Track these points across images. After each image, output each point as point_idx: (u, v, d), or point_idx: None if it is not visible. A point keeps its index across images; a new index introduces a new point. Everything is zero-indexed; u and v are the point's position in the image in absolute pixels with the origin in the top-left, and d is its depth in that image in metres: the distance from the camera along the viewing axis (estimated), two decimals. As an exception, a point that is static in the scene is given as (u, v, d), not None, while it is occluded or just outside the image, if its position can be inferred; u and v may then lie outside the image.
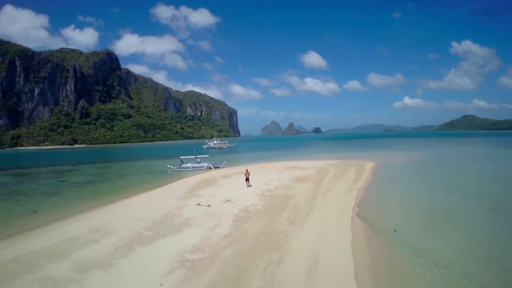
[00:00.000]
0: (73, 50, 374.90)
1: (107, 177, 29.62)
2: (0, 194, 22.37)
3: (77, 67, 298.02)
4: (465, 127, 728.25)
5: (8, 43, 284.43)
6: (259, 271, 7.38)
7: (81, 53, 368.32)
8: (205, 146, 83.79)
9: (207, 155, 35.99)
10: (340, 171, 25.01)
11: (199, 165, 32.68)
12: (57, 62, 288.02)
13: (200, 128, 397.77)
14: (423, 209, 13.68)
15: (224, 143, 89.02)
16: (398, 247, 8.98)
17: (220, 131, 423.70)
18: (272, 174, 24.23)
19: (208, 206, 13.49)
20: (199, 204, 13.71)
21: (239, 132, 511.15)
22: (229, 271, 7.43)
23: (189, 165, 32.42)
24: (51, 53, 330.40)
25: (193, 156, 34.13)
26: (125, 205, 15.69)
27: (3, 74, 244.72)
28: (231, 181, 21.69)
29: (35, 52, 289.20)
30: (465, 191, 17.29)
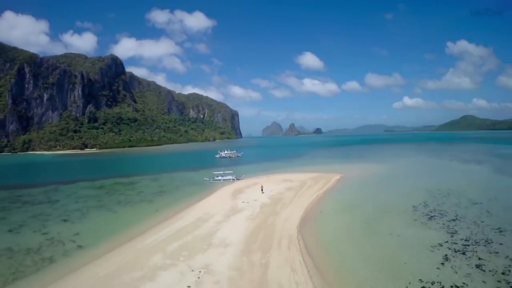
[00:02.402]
0: (78, 55, 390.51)
1: (168, 188, 47.36)
2: (111, 204, 37.24)
3: (84, 73, 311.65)
4: (465, 127, 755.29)
5: (15, 49, 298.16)
6: (270, 221, 25.70)
7: (86, 57, 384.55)
8: (217, 156, 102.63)
9: (231, 171, 53.87)
10: (314, 182, 43.36)
11: (227, 178, 50.72)
12: (64, 69, 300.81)
13: (203, 130, 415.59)
14: (341, 205, 31.73)
15: (233, 153, 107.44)
16: (320, 217, 27.06)
17: (222, 133, 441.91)
18: (273, 185, 42.45)
19: (248, 203, 31.65)
20: (243, 202, 31.93)
21: (240, 134, 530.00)
22: (261, 221, 25.72)
23: (220, 178, 50.52)
24: (57, 58, 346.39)
25: (222, 172, 52.14)
26: (205, 204, 33.84)
27: (13, 80, 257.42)
28: (252, 190, 39.96)
29: (43, 58, 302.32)
30: (377, 199, 35.27)
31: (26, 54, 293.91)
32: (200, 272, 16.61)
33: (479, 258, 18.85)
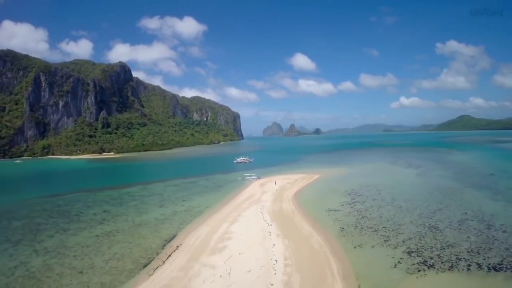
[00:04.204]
0: (86, 61, 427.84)
1: (221, 184, 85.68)
2: (197, 192, 75.84)
3: (96, 80, 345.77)
4: (461, 127, 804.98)
5: (27, 57, 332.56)
6: (280, 195, 65.46)
7: (93, 63, 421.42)
8: (235, 161, 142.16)
9: (254, 173, 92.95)
10: (302, 179, 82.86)
11: (253, 177, 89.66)
12: (78, 77, 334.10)
13: (207, 133, 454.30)
14: (312, 189, 71.35)
15: (247, 159, 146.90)
16: (301, 194, 66.55)
17: (225, 135, 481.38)
18: (280, 181, 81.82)
19: (269, 189, 70.97)
20: (267, 188, 71.27)
21: (242, 135, 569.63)
22: (277, 195, 65.53)
23: (248, 177, 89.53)
24: (66, 64, 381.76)
25: (249, 174, 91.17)
26: (248, 190, 73.07)
27: (30, 88, 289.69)
28: (269, 183, 79.51)
29: (57, 67, 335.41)
30: (331, 187, 74.75)
31: (41, 63, 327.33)
32: (261, 207, 55.74)
33: (355, 206, 57.99)
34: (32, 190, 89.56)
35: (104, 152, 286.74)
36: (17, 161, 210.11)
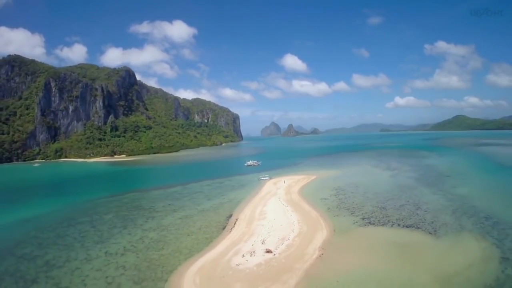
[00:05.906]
0: (91, 66, 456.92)
1: (244, 183, 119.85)
2: (228, 190, 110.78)
3: (103, 85, 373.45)
4: (456, 127, 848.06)
5: (34, 62, 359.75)
6: (289, 189, 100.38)
7: (98, 67, 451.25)
8: (246, 164, 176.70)
9: (267, 174, 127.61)
10: (303, 179, 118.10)
11: (266, 178, 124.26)
12: (86, 82, 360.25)
13: (209, 135, 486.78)
14: (311, 186, 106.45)
15: (256, 162, 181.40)
16: (303, 189, 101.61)
17: (226, 136, 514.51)
18: (287, 180, 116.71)
19: (280, 186, 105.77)
20: (279, 186, 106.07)
21: (242, 136, 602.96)
22: (287, 190, 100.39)
23: (262, 178, 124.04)
24: (72, 69, 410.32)
25: (263, 175, 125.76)
26: (266, 187, 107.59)
27: (41, 94, 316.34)
28: (279, 183, 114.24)
29: (66, 73, 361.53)
30: (325, 184, 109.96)
31: (50, 69, 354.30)
32: (279, 198, 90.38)
33: (338, 196, 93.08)
34: (87, 192, 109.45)
35: (115, 155, 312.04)
36: (36, 165, 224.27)
